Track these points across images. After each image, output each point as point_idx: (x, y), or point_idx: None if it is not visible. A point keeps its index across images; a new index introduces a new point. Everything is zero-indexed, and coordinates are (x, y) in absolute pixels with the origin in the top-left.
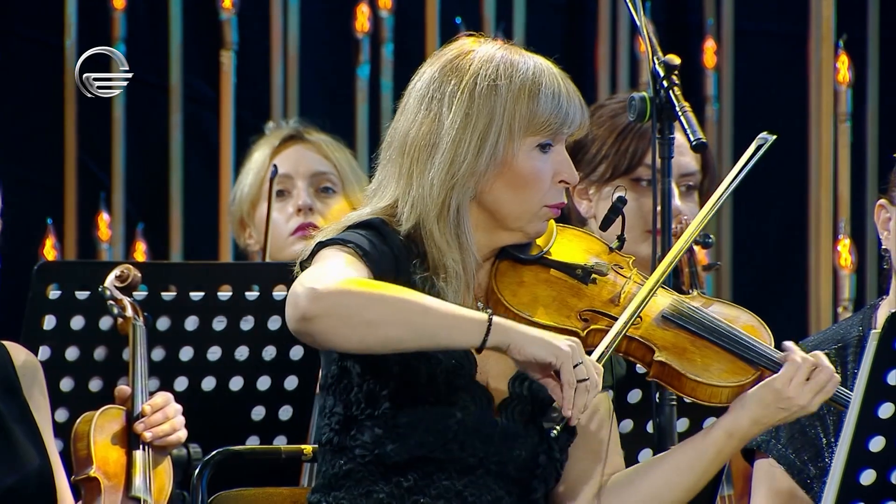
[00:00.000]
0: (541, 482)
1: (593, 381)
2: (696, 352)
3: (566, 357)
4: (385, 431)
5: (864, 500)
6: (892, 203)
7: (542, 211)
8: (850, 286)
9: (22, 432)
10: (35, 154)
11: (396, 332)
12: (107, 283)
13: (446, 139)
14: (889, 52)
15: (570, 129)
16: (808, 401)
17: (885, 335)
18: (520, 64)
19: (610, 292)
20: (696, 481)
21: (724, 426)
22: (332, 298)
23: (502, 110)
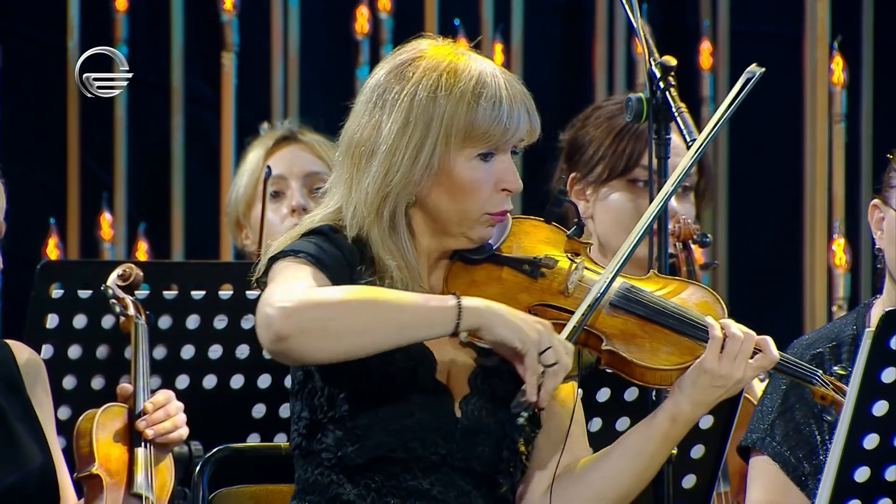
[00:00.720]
0: (506, 476)
1: (563, 364)
2: (645, 336)
3: (532, 343)
4: (345, 434)
5: (859, 497)
6: (886, 203)
7: (483, 218)
8: (844, 285)
9: (25, 430)
10: (38, 154)
11: (373, 336)
12: (109, 282)
13: (383, 147)
14: (883, 54)
15: (516, 137)
16: (742, 374)
17: (880, 333)
18: (463, 73)
19: (560, 283)
20: (644, 467)
21: (666, 411)
22: (304, 313)
23: (440, 120)
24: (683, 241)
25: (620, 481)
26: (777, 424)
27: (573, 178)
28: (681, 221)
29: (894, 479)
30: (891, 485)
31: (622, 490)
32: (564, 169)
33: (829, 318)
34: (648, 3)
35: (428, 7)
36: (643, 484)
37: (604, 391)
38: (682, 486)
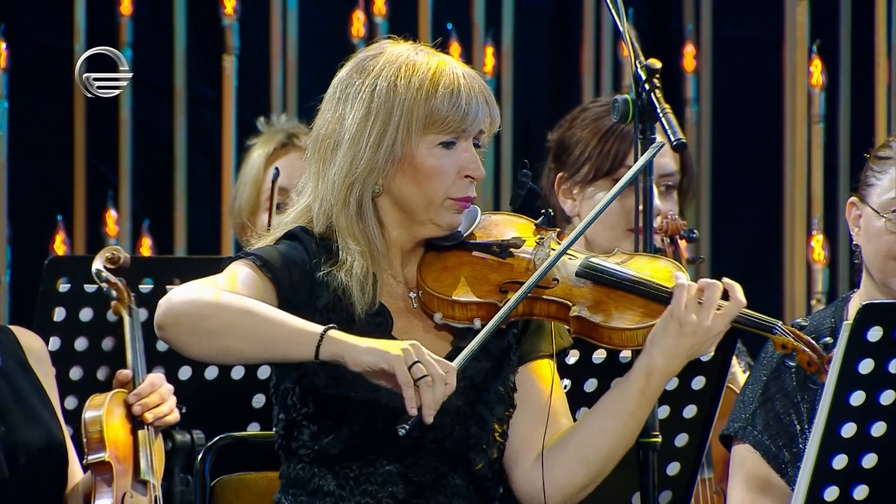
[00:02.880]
0: (480, 454)
1: (436, 376)
2: (611, 302)
3: (397, 360)
4: (319, 428)
5: (837, 484)
6: (863, 200)
7: (447, 203)
8: (823, 280)
9: (33, 396)
10: (46, 153)
11: (235, 342)
12: (97, 266)
13: (347, 136)
14: (860, 57)
15: (475, 127)
16: (710, 321)
17: (857, 326)
18: (421, 65)
19: (528, 262)
20: (624, 425)
21: (640, 366)
22: (179, 308)
23: (400, 109)
24: (671, 236)
25: (602, 441)
26: (758, 414)
27: (561, 177)
28: (668, 217)
29: (871, 467)
30: (868, 472)
31: (605, 450)
32: (552, 168)
33: (809, 311)
34: (634, 8)
35: (421, 12)
36: (626, 443)
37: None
38: (666, 473)
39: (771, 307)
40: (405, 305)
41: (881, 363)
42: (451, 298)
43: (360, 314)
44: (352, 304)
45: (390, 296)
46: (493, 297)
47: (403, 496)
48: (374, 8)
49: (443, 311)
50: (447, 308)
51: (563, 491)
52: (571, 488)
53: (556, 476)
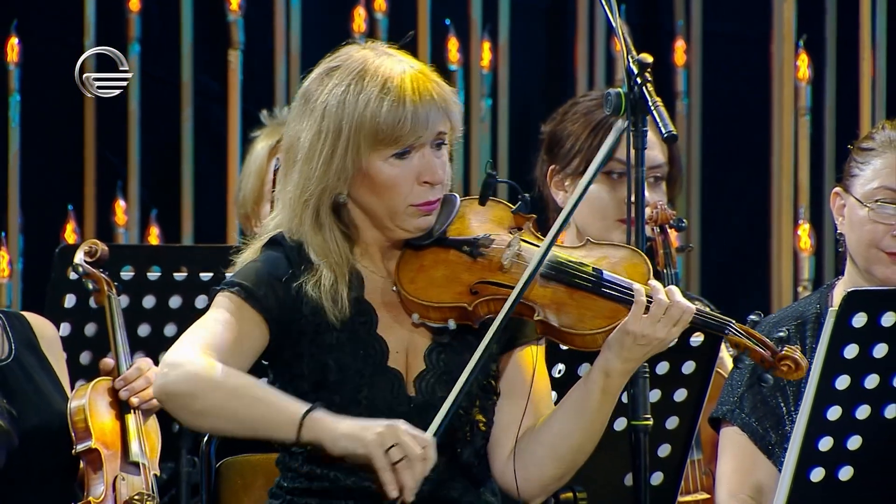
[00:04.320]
0: (464, 444)
1: (414, 456)
2: (573, 303)
3: (373, 445)
4: (313, 467)
5: (823, 466)
6: (847, 191)
7: (409, 210)
8: (809, 267)
9: (45, 380)
10: (57, 145)
11: (222, 423)
12: (77, 259)
13: (300, 155)
14: (845, 52)
15: (428, 134)
16: (665, 333)
17: (842, 313)
18: (370, 80)
19: (498, 262)
20: (590, 421)
21: (599, 366)
22: (175, 386)
23: (348, 128)
24: (660, 225)
25: (570, 436)
26: (745, 397)
27: (553, 169)
28: (658, 207)
29: (856, 449)
30: (853, 454)
31: (573, 444)
32: (545, 160)
33: (795, 297)
34: (626, 4)
35: (420, 8)
36: (593, 437)
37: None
38: (657, 455)
39: (758, 294)
40: (390, 299)
41: (865, 348)
42: (424, 301)
43: (334, 322)
44: (326, 314)
45: (374, 291)
46: (463, 299)
47: None
48: (374, 4)
49: (419, 313)
50: (422, 310)
51: (535, 483)
52: (543, 481)
53: (528, 469)
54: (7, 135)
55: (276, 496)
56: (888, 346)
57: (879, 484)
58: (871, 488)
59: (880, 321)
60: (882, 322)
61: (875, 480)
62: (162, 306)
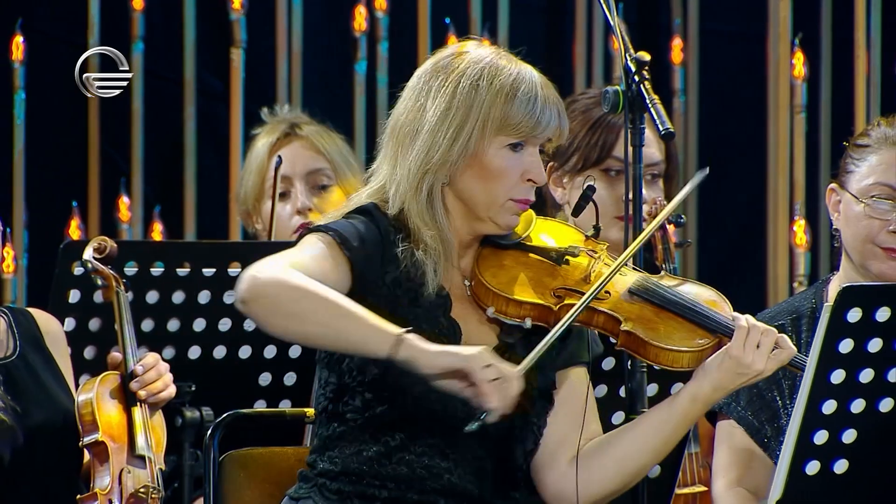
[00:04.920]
0: (519, 444)
1: (506, 377)
2: (660, 322)
3: (474, 360)
4: (374, 396)
5: (818, 458)
6: (843, 187)
7: (508, 204)
8: (804, 263)
9: (50, 378)
10: (61, 143)
11: (314, 328)
12: (86, 256)
13: (426, 128)
14: (841, 50)
15: (545, 134)
16: (763, 365)
17: (837, 308)
18: (504, 69)
19: (582, 272)
20: (664, 443)
21: (689, 391)
22: (265, 287)
23: (479, 108)
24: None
25: (640, 456)
26: (742, 391)
27: (551, 166)
28: (657, 203)
29: (851, 442)
30: (847, 447)
31: (641, 464)
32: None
33: (791, 293)
34: (624, 2)
35: (421, 7)
36: (660, 459)
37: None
38: None
39: (755, 289)
40: (460, 293)
41: (860, 343)
42: (507, 295)
43: (430, 293)
44: (422, 282)
45: (448, 281)
46: (547, 300)
47: (437, 470)
48: (375, 3)
49: (496, 306)
50: (501, 303)
51: (593, 496)
52: (602, 494)
53: (591, 481)
54: (12, 132)
55: (307, 479)
56: (883, 341)
57: (874, 477)
58: (866, 481)
59: (875, 316)
60: (877, 317)
61: (870, 473)
62: (165, 301)
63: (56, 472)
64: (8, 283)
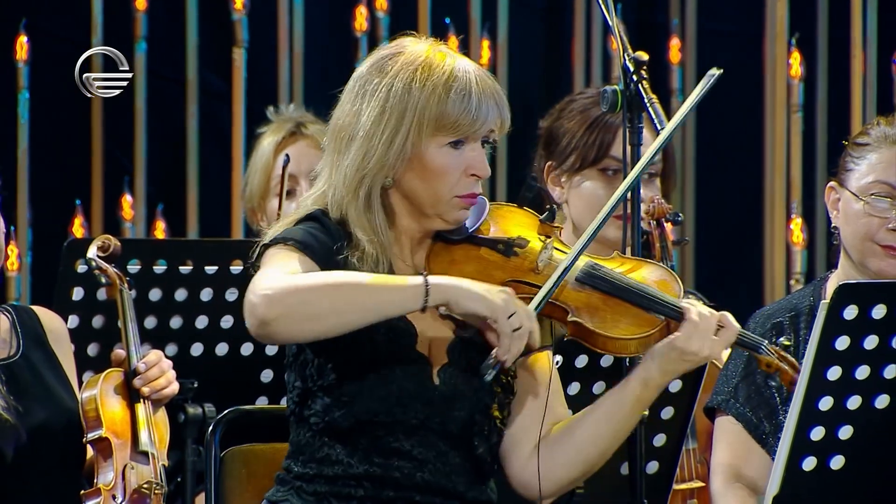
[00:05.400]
0: (481, 438)
1: (526, 328)
2: (608, 309)
3: (500, 310)
4: (333, 400)
5: (815, 455)
6: (842, 185)
7: (454, 201)
8: (801, 261)
9: (52, 377)
10: (65, 142)
11: (347, 316)
12: (90, 254)
13: (361, 133)
14: (837, 50)
15: (484, 128)
16: (710, 350)
17: (834, 305)
18: (436, 68)
19: (531, 262)
20: (619, 428)
21: (638, 376)
22: (284, 299)
23: (413, 110)
24: (657, 219)
25: (598, 441)
26: (740, 387)
27: (549, 165)
28: (655, 201)
29: (847, 438)
30: (844, 443)
31: (600, 448)
32: (542, 156)
33: (788, 290)
34: (623, 2)
35: (421, 7)
36: (619, 442)
37: (582, 357)
38: (653, 444)
39: (752, 287)
40: None
41: (857, 340)
42: None
43: None
44: None
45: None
46: None
47: (408, 470)
48: (376, 3)
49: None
50: None
51: (556, 483)
52: (565, 481)
53: (552, 469)
54: (16, 131)
55: (283, 482)
56: (879, 338)
57: (870, 472)
58: (862, 477)
59: (871, 313)
60: (873, 314)
61: (866, 469)
62: (168, 299)
63: (59, 470)
64: (12, 280)
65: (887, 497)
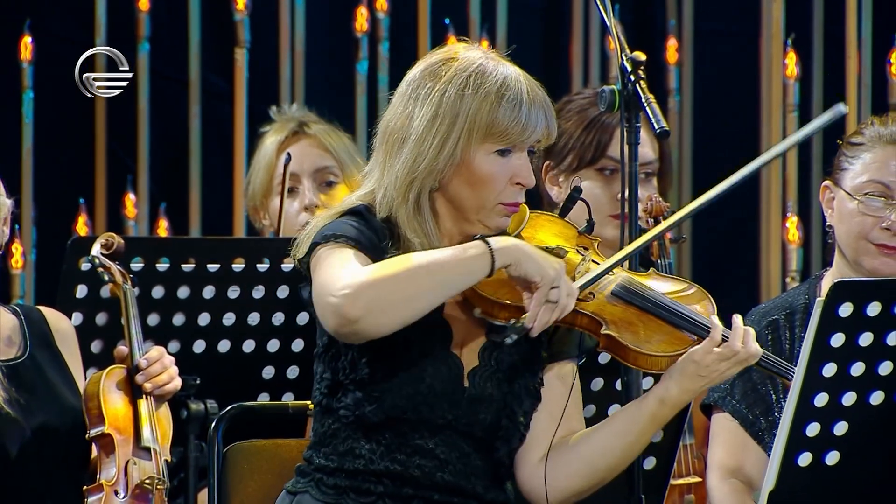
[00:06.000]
0: (503, 442)
1: (562, 305)
2: (641, 325)
3: (547, 279)
4: (364, 395)
5: (810, 451)
6: (836, 184)
7: (498, 208)
8: (797, 259)
9: (57, 378)
10: (69, 141)
11: (428, 297)
12: (94, 252)
13: (413, 136)
14: (832, 50)
15: (532, 138)
16: (727, 370)
17: (829, 302)
18: (489, 76)
19: (569, 272)
20: (632, 444)
21: (656, 394)
22: (368, 294)
23: (465, 117)
24: (655, 217)
25: (610, 455)
26: (736, 384)
27: (547, 165)
28: (653, 200)
29: (842, 434)
30: (839, 439)
31: (611, 463)
32: (540, 155)
33: (784, 288)
34: (620, 3)
35: (421, 8)
36: (630, 459)
37: (597, 380)
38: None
39: (748, 284)
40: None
41: (852, 337)
42: (492, 298)
43: None
44: None
45: None
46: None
47: (429, 469)
48: (376, 4)
49: (482, 308)
50: (487, 306)
51: (561, 493)
52: (570, 492)
53: (558, 479)
54: (21, 131)
55: (304, 474)
56: (874, 335)
57: (865, 468)
58: (857, 473)
59: (866, 311)
60: (868, 312)
61: (861, 465)
62: (170, 296)
63: (62, 469)
64: (16, 278)
65: (882, 492)
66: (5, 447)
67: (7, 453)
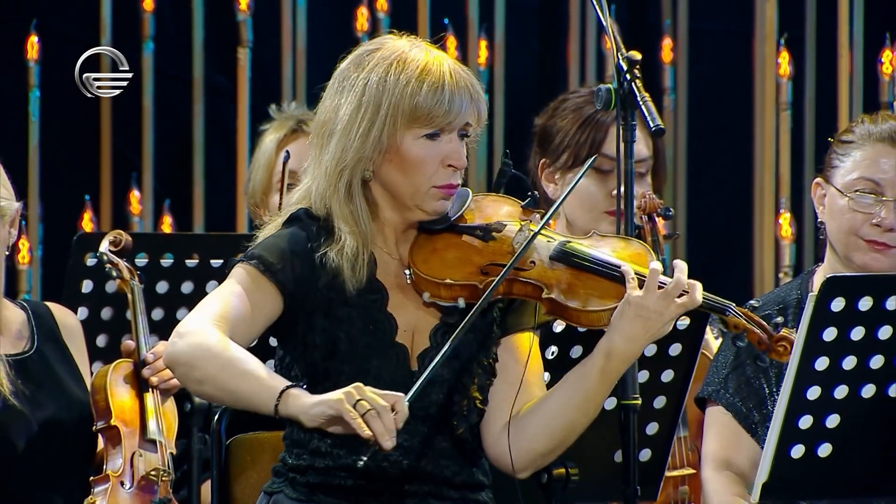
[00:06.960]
0: (461, 419)
1: (380, 407)
2: (580, 284)
3: (339, 403)
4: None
5: (803, 443)
6: (828, 181)
7: (432, 191)
8: (789, 254)
9: (64, 372)
10: (74, 139)
11: (216, 393)
12: (102, 248)
13: (340, 126)
14: (825, 49)
15: (459, 121)
16: (665, 306)
17: (821, 297)
18: (411, 62)
19: (508, 245)
20: (585, 400)
21: (600, 347)
22: (180, 355)
23: (387, 103)
24: (649, 213)
25: (565, 414)
26: (730, 378)
27: (543, 163)
28: (647, 196)
29: (834, 427)
30: (831, 431)
31: (567, 422)
32: (537, 153)
33: (776, 283)
34: (616, 3)
35: (420, 8)
36: (588, 417)
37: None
38: (646, 432)
39: (742, 280)
40: (401, 282)
41: (844, 331)
42: (437, 280)
43: (351, 291)
44: (345, 281)
45: (386, 272)
46: (474, 278)
47: (395, 457)
48: (376, 4)
49: (430, 291)
50: (434, 288)
51: (526, 457)
52: (533, 454)
53: (520, 442)
54: (27, 129)
55: (279, 474)
56: (865, 329)
57: (856, 460)
58: (849, 464)
59: (858, 306)
60: (860, 306)
61: (852, 457)
62: (175, 291)
63: (69, 463)
64: (23, 273)
65: (873, 483)
66: (13, 440)
67: (15, 446)
